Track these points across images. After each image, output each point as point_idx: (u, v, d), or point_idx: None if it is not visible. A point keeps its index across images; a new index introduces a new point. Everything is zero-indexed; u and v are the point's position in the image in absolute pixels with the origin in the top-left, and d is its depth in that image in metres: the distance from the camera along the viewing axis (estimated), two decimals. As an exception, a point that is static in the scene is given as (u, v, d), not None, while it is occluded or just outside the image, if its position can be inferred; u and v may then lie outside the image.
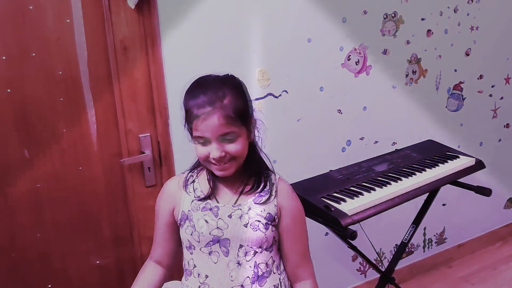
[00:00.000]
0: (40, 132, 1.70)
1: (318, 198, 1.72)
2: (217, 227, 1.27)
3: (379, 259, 2.61)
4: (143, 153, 1.86)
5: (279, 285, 1.33)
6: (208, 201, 1.29)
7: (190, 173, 1.36)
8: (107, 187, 1.86)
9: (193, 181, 1.34)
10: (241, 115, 1.21)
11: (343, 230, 1.60)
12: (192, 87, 1.25)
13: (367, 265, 2.58)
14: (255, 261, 1.29)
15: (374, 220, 1.77)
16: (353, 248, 1.95)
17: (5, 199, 1.70)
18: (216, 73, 1.28)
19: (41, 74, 1.67)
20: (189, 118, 1.21)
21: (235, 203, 1.29)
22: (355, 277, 2.58)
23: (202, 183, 1.32)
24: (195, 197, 1.31)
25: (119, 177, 1.86)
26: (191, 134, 1.23)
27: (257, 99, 2.04)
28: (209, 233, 1.27)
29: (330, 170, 1.99)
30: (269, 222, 1.28)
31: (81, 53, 1.72)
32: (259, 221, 1.27)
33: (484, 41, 2.70)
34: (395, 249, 2.65)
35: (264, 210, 1.28)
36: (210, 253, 1.28)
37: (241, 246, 1.27)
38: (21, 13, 1.61)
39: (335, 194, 1.75)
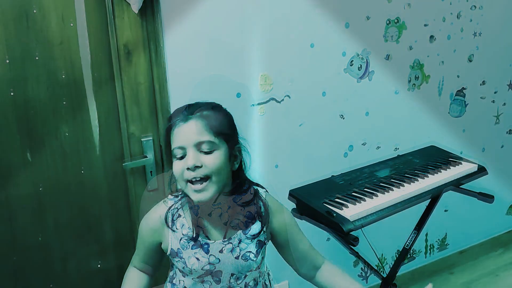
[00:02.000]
0: (42, 134, 1.71)
1: (320, 203, 1.73)
2: (209, 263, 1.28)
3: (380, 264, 2.61)
4: (145, 156, 1.86)
5: None
6: (199, 236, 1.28)
7: (175, 205, 1.32)
8: (109, 190, 1.86)
9: (179, 216, 1.30)
10: (221, 130, 1.20)
11: (345, 235, 1.60)
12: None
13: (369, 271, 2.58)
14: (246, 282, 1.33)
15: (376, 225, 1.77)
16: (355, 253, 1.95)
17: (7, 201, 1.70)
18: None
19: (44, 77, 1.68)
20: (168, 133, 1.21)
21: (225, 237, 1.28)
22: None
23: (188, 219, 1.29)
24: (183, 234, 1.28)
25: (121, 181, 1.86)
26: (171, 151, 1.22)
27: (259, 103, 2.04)
28: (201, 269, 1.28)
29: (332, 175, 1.98)
30: (260, 249, 1.31)
31: (85, 56, 1.72)
32: (250, 251, 1.29)
33: (487, 47, 2.70)
34: (397, 255, 2.64)
35: (254, 239, 1.30)
36: (202, 282, 1.31)
37: (232, 274, 1.30)
38: (25, 16, 1.61)
39: (337, 200, 1.75)
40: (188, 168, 1.17)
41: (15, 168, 1.69)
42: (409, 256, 2.75)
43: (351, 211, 1.67)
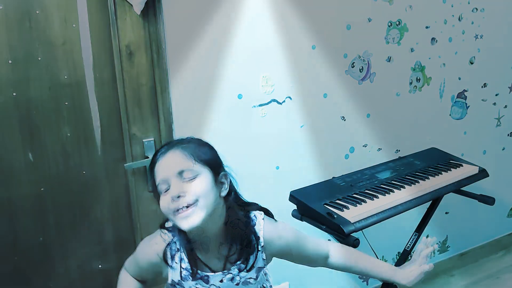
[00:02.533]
0: (44, 135, 1.71)
1: (321, 205, 1.73)
2: None
3: (381, 266, 2.60)
4: (147, 157, 1.87)
5: None
6: (198, 271, 1.28)
7: (173, 240, 1.29)
8: (111, 192, 1.86)
9: (177, 250, 1.29)
10: (201, 156, 1.20)
11: (345, 237, 1.60)
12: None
13: (369, 273, 2.57)
14: None
15: (377, 227, 1.77)
16: (356, 255, 1.95)
17: (8, 202, 1.70)
18: None
19: (47, 78, 1.68)
20: (152, 172, 1.21)
21: (224, 268, 1.28)
22: (357, 285, 2.57)
23: (187, 253, 1.29)
24: (182, 268, 1.28)
25: (123, 181, 1.87)
26: (157, 190, 1.21)
27: (260, 105, 2.05)
28: None
29: (333, 177, 1.99)
30: (260, 272, 1.32)
31: (87, 57, 1.73)
32: (250, 277, 1.30)
33: (488, 50, 2.70)
34: (398, 257, 2.64)
35: (253, 267, 1.30)
36: None
37: None
38: (27, 17, 1.62)
39: (338, 201, 1.75)
40: (173, 198, 1.16)
41: (16, 169, 1.69)
42: (409, 258, 2.75)
43: (352, 213, 1.67)
